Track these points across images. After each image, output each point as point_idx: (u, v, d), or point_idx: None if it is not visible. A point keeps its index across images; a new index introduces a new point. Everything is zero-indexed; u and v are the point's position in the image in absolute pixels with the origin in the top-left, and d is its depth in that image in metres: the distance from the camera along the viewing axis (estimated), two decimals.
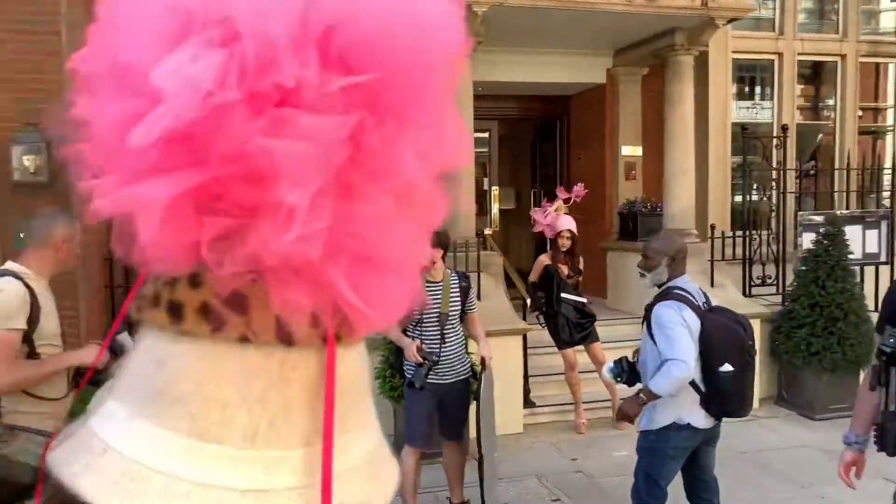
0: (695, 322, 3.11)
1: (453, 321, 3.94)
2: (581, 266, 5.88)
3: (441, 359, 3.82)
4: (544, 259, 5.84)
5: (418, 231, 0.50)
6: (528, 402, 6.21)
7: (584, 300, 5.80)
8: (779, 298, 6.92)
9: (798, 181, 7.71)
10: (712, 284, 6.81)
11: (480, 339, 4.02)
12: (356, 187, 0.45)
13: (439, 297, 3.91)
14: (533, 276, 5.92)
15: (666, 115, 7.31)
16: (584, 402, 5.94)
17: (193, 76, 0.41)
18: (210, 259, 0.44)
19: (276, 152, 0.42)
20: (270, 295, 0.45)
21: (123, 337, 2.83)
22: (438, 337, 3.88)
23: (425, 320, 3.87)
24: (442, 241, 3.93)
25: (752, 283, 7.08)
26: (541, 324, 5.89)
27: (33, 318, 2.61)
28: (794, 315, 6.40)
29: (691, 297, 3.19)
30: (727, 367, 3.09)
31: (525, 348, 6.09)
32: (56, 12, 4.73)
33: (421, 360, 3.71)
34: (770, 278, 7.06)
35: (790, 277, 6.81)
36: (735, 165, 8.32)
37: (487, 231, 7.53)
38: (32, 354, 2.64)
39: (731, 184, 8.47)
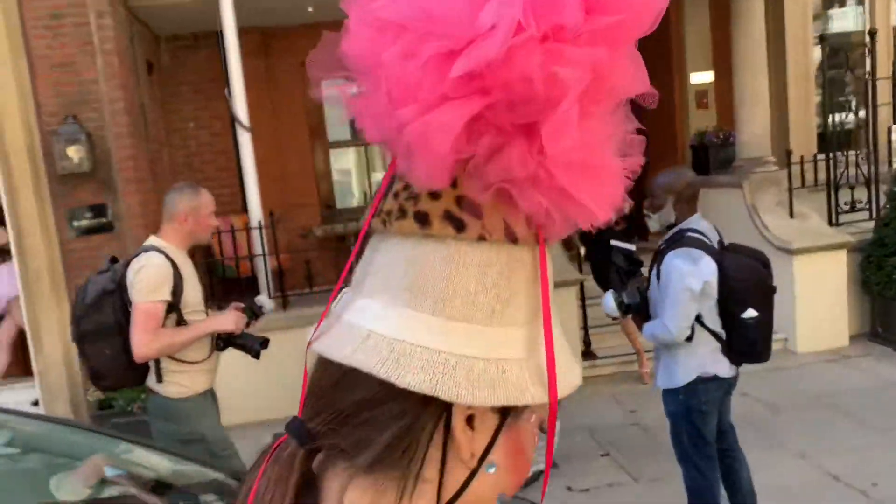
0: (711, 269, 2.81)
1: None
2: (628, 211, 5.51)
3: None
4: None
5: (621, 142, 0.59)
6: (588, 354, 5.99)
7: (633, 247, 5.46)
8: (871, 225, 6.23)
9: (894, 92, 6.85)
10: (792, 215, 6.24)
11: None
12: (583, 107, 0.53)
13: None
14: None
15: (733, 32, 6.64)
16: (646, 351, 5.65)
17: (509, 17, 0.50)
18: (472, 173, 0.54)
19: (558, 79, 0.50)
20: (517, 200, 0.54)
21: (261, 298, 3.04)
22: None
23: None
24: None
25: (840, 210, 6.41)
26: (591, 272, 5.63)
27: (177, 289, 2.74)
28: (885, 242, 5.75)
29: (706, 239, 2.89)
30: (751, 313, 2.78)
31: (583, 299, 5.86)
32: (83, 3, 4.88)
33: None
34: (861, 203, 6.36)
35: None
36: (822, 81, 7.49)
37: None
38: (180, 322, 2.79)
39: (818, 103, 7.65)
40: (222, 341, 2.93)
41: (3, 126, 4.91)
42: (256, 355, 2.93)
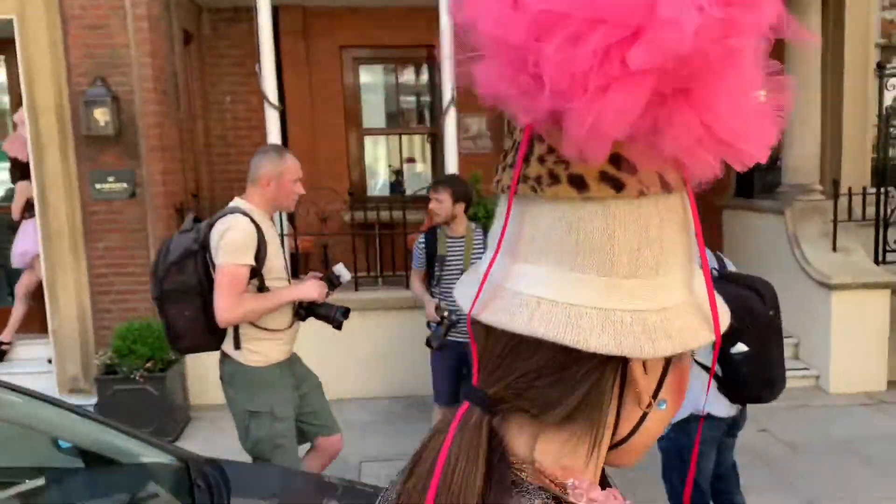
0: None
1: None
2: None
3: (462, 317, 3.57)
4: None
5: (767, 80, 0.59)
6: None
7: None
8: None
9: None
10: (834, 249, 5.91)
11: None
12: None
13: (461, 252, 3.62)
14: None
15: (785, 53, 6.31)
16: None
17: (695, 8, 0.49)
18: (636, 142, 0.54)
19: (734, 49, 0.52)
20: (686, 160, 0.56)
21: (339, 268, 2.97)
22: None
23: (446, 278, 3.61)
24: (463, 193, 3.63)
25: (888, 248, 6.04)
26: None
27: (261, 254, 2.68)
28: None
29: None
30: (740, 348, 2.53)
31: None
32: None
33: (439, 318, 3.48)
34: None
35: None
36: (878, 112, 7.08)
37: None
38: (262, 289, 2.73)
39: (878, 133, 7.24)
40: (304, 310, 2.88)
41: (34, 83, 4.93)
42: (339, 326, 2.88)
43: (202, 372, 5.26)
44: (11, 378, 5.33)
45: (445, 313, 3.49)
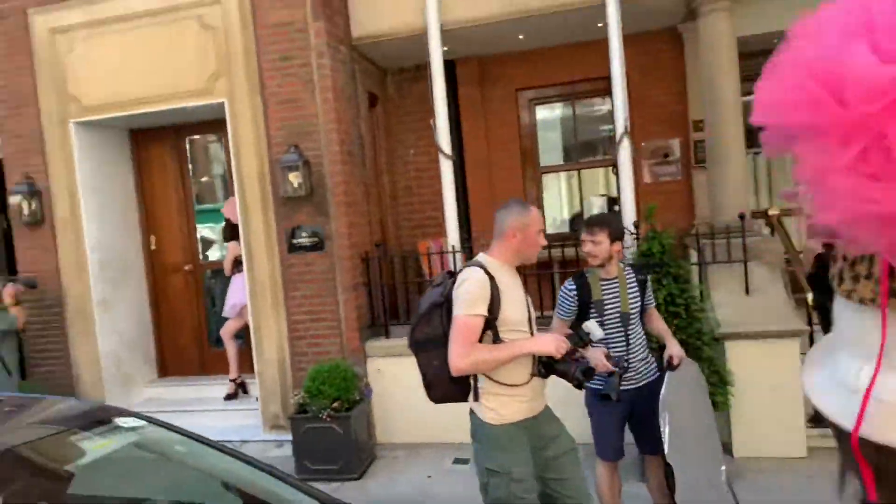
0: None
1: (634, 320, 3.42)
2: None
3: (630, 364, 3.36)
4: (813, 245, 4.66)
5: None
6: (818, 420, 5.07)
7: None
8: None
9: None
10: None
11: (667, 335, 3.42)
12: None
13: (617, 294, 3.42)
14: (807, 266, 4.79)
15: None
16: None
17: None
18: None
19: None
20: None
21: (590, 324, 2.90)
22: (623, 340, 3.40)
23: (606, 323, 3.42)
24: (620, 232, 3.44)
25: None
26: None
27: (494, 305, 2.73)
28: None
29: None
30: None
31: None
32: (307, 46, 5.42)
33: (612, 368, 3.19)
34: None
35: None
36: None
37: (773, 210, 6.25)
38: (496, 340, 2.76)
39: None
40: (543, 366, 2.81)
41: (241, 155, 5.64)
42: (578, 385, 2.76)
43: (387, 412, 5.52)
44: (228, 414, 6.04)
45: (617, 362, 3.25)
